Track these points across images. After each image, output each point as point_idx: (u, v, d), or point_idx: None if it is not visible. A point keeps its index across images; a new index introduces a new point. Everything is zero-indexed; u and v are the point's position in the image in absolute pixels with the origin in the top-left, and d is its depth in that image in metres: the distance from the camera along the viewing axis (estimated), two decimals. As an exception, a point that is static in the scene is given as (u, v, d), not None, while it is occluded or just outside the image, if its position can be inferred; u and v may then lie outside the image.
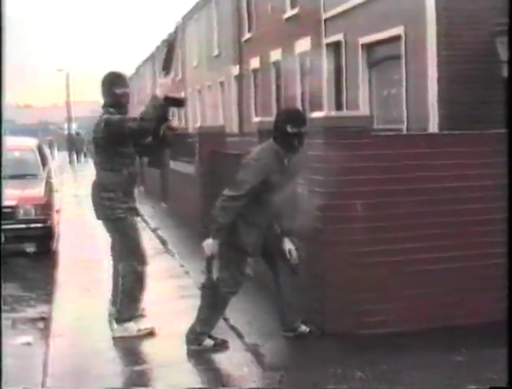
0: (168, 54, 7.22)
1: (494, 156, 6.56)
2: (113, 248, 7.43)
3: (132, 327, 6.99)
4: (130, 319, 7.02)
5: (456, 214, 6.79)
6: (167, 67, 7.11)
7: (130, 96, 7.27)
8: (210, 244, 6.18)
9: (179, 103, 7.17)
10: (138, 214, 7.34)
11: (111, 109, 7.04)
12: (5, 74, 5.04)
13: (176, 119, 40.47)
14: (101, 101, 7.24)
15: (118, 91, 7.10)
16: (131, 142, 6.99)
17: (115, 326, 7.08)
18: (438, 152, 6.84)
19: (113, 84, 7.13)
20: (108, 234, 7.31)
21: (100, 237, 9.15)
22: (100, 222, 7.32)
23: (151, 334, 6.96)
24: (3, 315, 8.16)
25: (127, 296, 7.03)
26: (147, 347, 6.75)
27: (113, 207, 6.97)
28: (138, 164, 7.72)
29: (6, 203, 11.00)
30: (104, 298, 7.62)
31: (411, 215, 6.69)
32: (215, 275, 6.27)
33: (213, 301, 6.40)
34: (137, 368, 6.10)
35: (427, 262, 6.72)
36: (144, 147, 7.18)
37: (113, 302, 7.40)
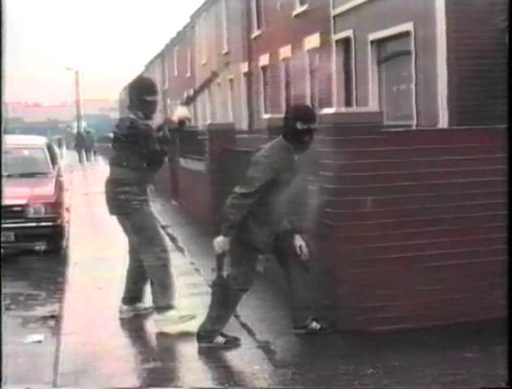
0: (204, 84, 7.28)
1: (505, 151, 6.52)
2: (130, 245, 7.41)
3: (173, 315, 6.96)
4: (168, 307, 6.99)
5: (467, 210, 6.76)
6: (193, 98, 7.15)
7: (158, 104, 7.26)
8: (221, 241, 6.16)
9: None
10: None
11: (139, 113, 7.02)
12: (5, 74, 5.04)
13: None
14: (110, 100, 7.28)
15: (149, 98, 7.08)
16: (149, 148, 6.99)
17: (156, 317, 7.06)
18: (448, 148, 6.81)
19: (144, 91, 7.11)
20: (122, 231, 7.29)
21: (111, 236, 9.17)
22: (112, 221, 7.31)
23: (190, 327, 6.75)
24: (14, 313, 8.21)
25: (158, 285, 7.03)
26: (158, 345, 6.75)
27: (128, 199, 6.96)
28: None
29: (16, 201, 11.09)
30: (116, 296, 7.61)
31: (422, 211, 6.66)
32: (225, 272, 6.26)
33: (224, 299, 6.39)
34: (147, 366, 6.08)
35: (439, 259, 6.68)
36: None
37: (125, 300, 7.40)
